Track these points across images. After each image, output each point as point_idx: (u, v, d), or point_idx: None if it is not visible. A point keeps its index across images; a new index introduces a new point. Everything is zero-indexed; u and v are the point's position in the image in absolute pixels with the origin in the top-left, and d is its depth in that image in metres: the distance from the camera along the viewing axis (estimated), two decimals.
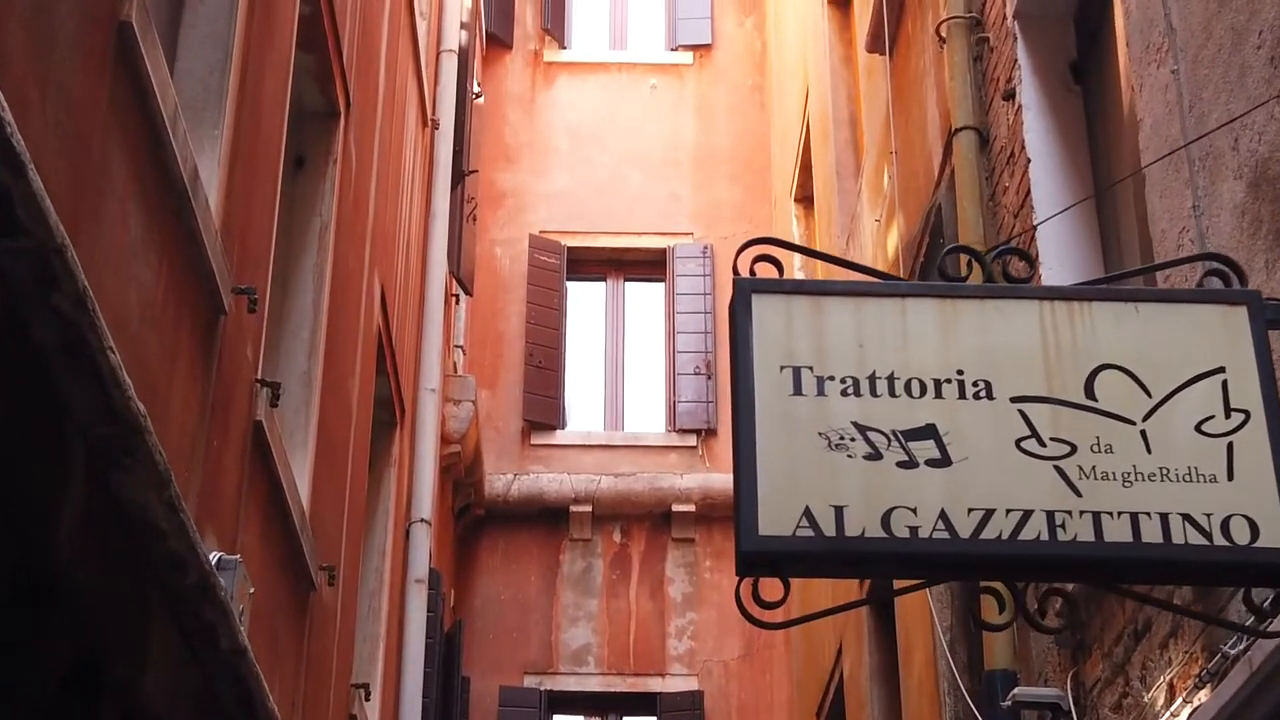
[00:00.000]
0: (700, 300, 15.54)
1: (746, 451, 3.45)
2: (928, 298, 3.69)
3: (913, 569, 3.64)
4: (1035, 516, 3.47)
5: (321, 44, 7.38)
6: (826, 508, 3.42)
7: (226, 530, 5.45)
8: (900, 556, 3.45)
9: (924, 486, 3.47)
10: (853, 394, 3.55)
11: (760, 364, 3.55)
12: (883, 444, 3.52)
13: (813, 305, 3.63)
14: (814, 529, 3.40)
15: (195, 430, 5.01)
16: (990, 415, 3.58)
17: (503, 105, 16.35)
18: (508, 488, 14.66)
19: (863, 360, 3.58)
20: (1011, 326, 3.68)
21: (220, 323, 5.29)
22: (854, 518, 3.42)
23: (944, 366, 3.61)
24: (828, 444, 3.50)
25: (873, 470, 3.48)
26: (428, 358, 11.07)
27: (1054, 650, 6.12)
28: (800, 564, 3.49)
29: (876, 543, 3.40)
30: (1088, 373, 3.64)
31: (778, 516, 3.39)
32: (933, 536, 3.42)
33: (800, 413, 3.53)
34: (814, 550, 3.40)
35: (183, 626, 4.66)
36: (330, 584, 7.39)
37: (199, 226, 4.86)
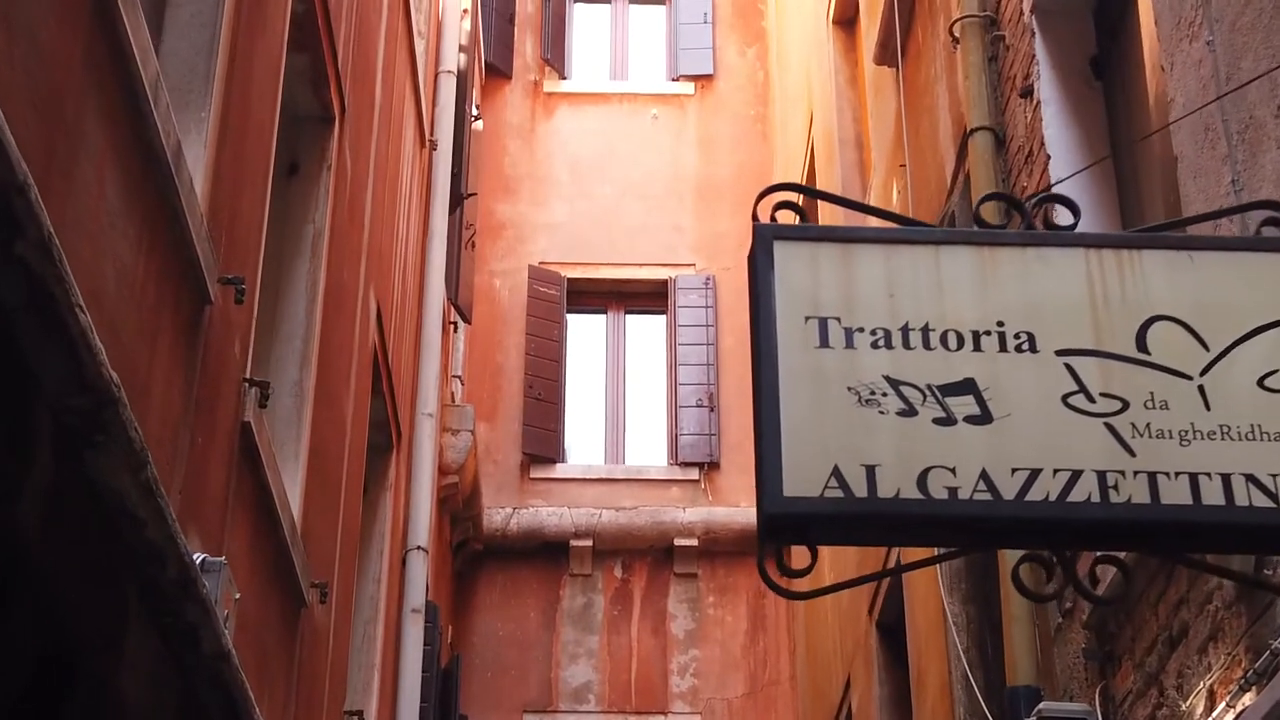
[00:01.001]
0: (703, 332, 15.29)
1: (769, 407, 3.18)
2: (964, 245, 3.43)
3: (952, 533, 3.36)
4: (1085, 477, 3.20)
5: (315, 45, 7.15)
6: (857, 467, 3.15)
7: (211, 533, 5.18)
8: (938, 519, 3.18)
9: (963, 445, 3.20)
10: (884, 346, 3.29)
11: (783, 314, 3.29)
12: (917, 399, 3.25)
13: (840, 253, 3.37)
14: (844, 490, 3.13)
15: (178, 423, 4.75)
16: (1034, 369, 3.32)
17: (502, 136, 16.14)
18: (506, 522, 14.36)
19: (894, 311, 3.32)
20: (1055, 276, 3.42)
21: (206, 313, 5.04)
22: (887, 478, 3.15)
23: (983, 318, 3.35)
24: (857, 399, 3.24)
25: (907, 427, 3.21)
26: (425, 381, 10.81)
27: (1080, 663, 5.84)
28: (829, 527, 3.22)
29: (912, 504, 3.13)
30: (1139, 324, 3.38)
31: (804, 476, 3.13)
32: (973, 498, 3.16)
33: (827, 366, 3.27)
34: (844, 512, 3.13)
35: (162, 626, 4.38)
36: (322, 601, 7.10)
37: (183, 207, 4.61)
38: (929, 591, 8.35)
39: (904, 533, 3.39)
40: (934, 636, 8.18)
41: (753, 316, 3.35)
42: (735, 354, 15.20)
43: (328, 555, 7.50)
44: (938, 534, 3.42)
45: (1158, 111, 5.66)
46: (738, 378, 15.07)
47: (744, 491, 14.64)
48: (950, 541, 3.51)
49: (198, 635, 4.45)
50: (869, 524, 3.22)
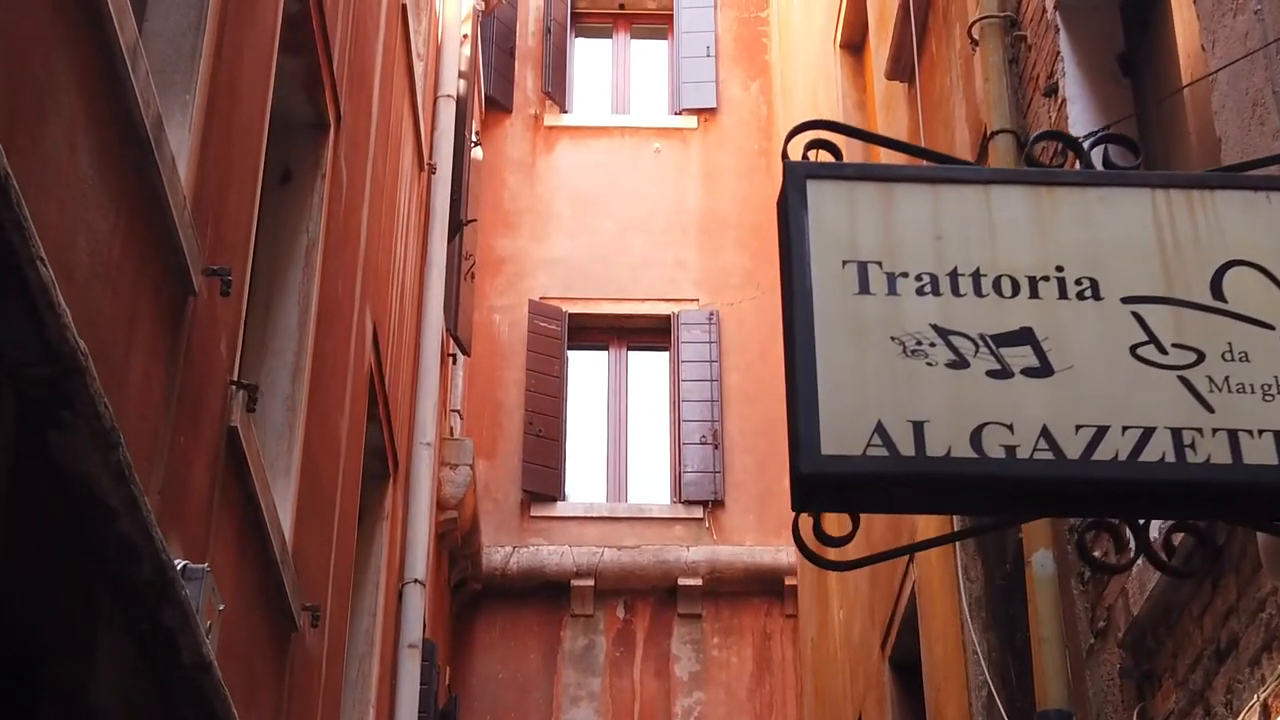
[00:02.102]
0: (706, 368, 14.98)
1: (804, 358, 2.87)
2: (1018, 185, 3.12)
3: (1010, 496, 3.03)
4: (1158, 435, 2.89)
5: (310, 49, 6.88)
6: (903, 423, 2.84)
7: (194, 540, 4.86)
8: (995, 480, 2.87)
9: (1021, 399, 2.89)
10: (930, 293, 2.99)
11: (818, 258, 2.98)
12: (969, 350, 2.95)
13: (880, 193, 3.07)
14: (888, 448, 2.82)
15: (157, 419, 4.44)
16: (1098, 318, 3.02)
17: (502, 170, 15.87)
18: (506, 560, 14.01)
19: (942, 255, 3.02)
20: (1119, 218, 3.11)
21: (189, 306, 4.74)
22: (937, 435, 2.84)
23: (1040, 262, 3.05)
24: (902, 350, 2.93)
25: (958, 380, 2.90)
26: (423, 411, 10.49)
27: (1115, 685, 5.51)
28: (872, 490, 2.90)
29: (965, 464, 2.82)
30: (1214, 270, 3.07)
31: (844, 433, 2.81)
32: (1034, 457, 2.85)
33: (868, 314, 2.96)
34: (889, 472, 2.82)
35: (138, 632, 4.06)
36: (314, 625, 6.77)
37: (164, 187, 4.32)
38: (947, 622, 8.03)
39: (955, 496, 3.06)
40: (953, 669, 7.85)
41: (783, 261, 3.05)
42: (740, 390, 14.91)
43: (320, 579, 7.17)
44: (993, 498, 3.08)
45: (1194, 104, 5.38)
46: (742, 414, 14.77)
47: (749, 530, 14.32)
48: (1007, 507, 3.17)
49: (176, 643, 4.14)
50: (917, 486, 2.90)
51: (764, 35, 16.72)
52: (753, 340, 15.14)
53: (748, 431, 14.75)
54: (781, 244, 3.07)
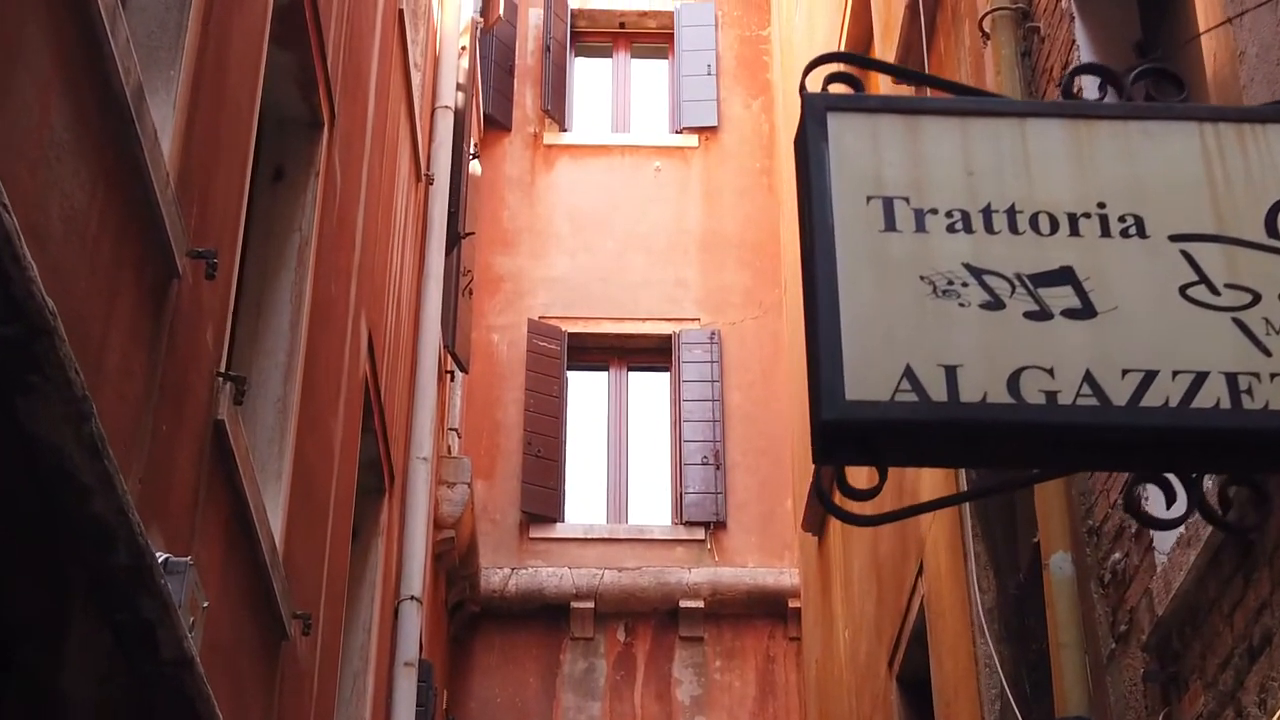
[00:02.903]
0: (708, 388, 14.77)
1: (826, 298, 2.67)
2: (1054, 118, 2.92)
3: (1051, 445, 2.81)
4: (1212, 380, 2.68)
5: (303, 43, 6.69)
6: (934, 367, 2.63)
7: (177, 535, 4.65)
8: (1035, 428, 2.66)
9: (1062, 342, 2.69)
10: (962, 230, 2.79)
11: (840, 194, 2.77)
12: (1004, 290, 2.74)
13: (906, 126, 2.87)
14: (918, 393, 2.61)
15: (138, 404, 4.23)
16: (1144, 257, 2.81)
17: (501, 188, 15.69)
18: (505, 582, 13.78)
19: (974, 190, 2.82)
20: (1165, 153, 2.91)
21: (173, 289, 4.53)
22: (971, 379, 2.63)
23: (1080, 198, 2.84)
24: (932, 290, 2.73)
25: (994, 322, 2.70)
26: (419, 425, 10.28)
27: (1139, 690, 5.28)
28: (900, 438, 2.68)
29: (1002, 410, 2.61)
30: (1268, 206, 2.86)
31: (870, 378, 2.60)
32: (1077, 403, 2.64)
33: (895, 252, 2.76)
34: (919, 419, 2.61)
35: (115, 623, 3.84)
36: (305, 633, 6.55)
37: (145, 160, 4.12)
38: (958, 635, 7.81)
39: (991, 445, 2.84)
40: (964, 683, 7.62)
41: (802, 199, 2.84)
42: (741, 410, 14.70)
43: (313, 588, 6.96)
44: (1033, 447, 2.86)
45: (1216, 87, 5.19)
46: (744, 435, 14.56)
47: (751, 551, 14.09)
48: (1048, 458, 2.93)
49: (155, 637, 3.92)
50: (949, 434, 2.69)
51: (765, 53, 16.57)
52: (755, 360, 14.95)
53: (750, 452, 14.53)
54: (800, 180, 2.87)
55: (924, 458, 2.88)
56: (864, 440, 2.65)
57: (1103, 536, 5.64)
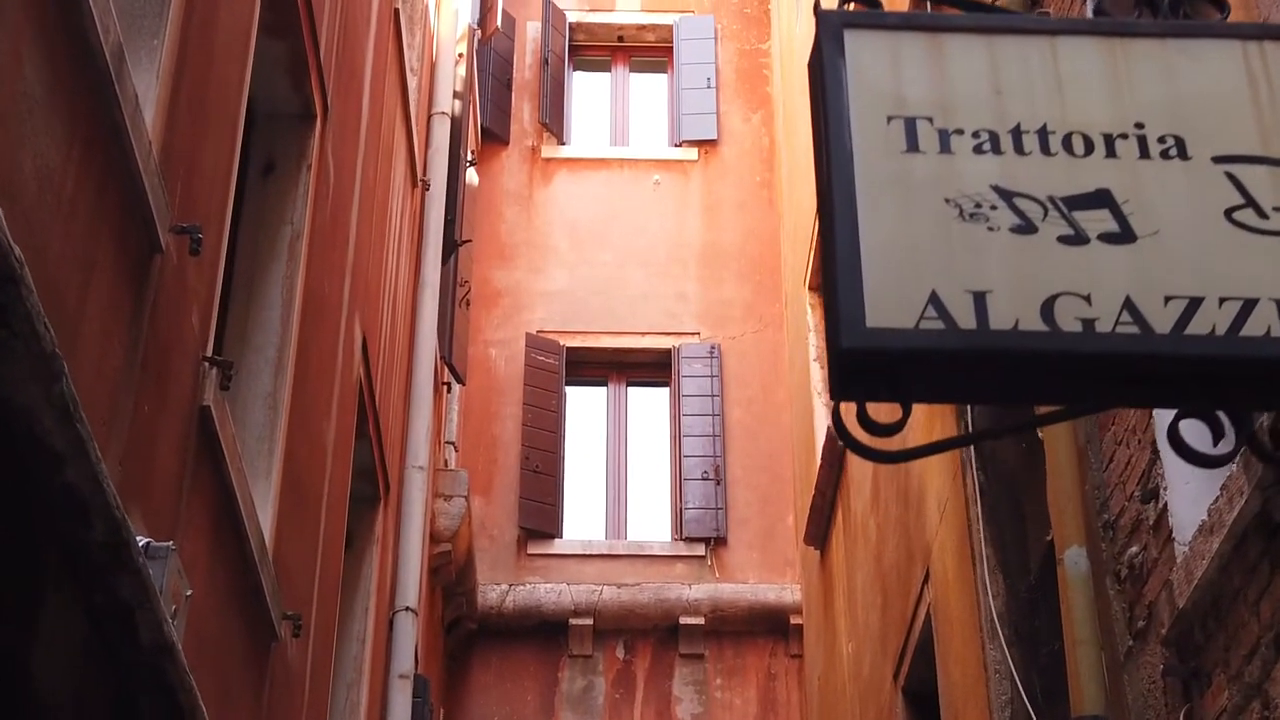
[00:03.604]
0: (708, 402, 14.59)
1: (844, 221, 2.49)
2: (1087, 36, 2.75)
3: (1089, 376, 2.62)
4: (1262, 307, 2.50)
5: (295, 31, 6.53)
6: (961, 293, 2.46)
7: (160, 522, 4.46)
8: (1070, 357, 2.48)
9: (1100, 267, 2.51)
10: (990, 151, 2.61)
11: (859, 114, 2.60)
12: (1036, 214, 2.57)
13: (928, 44, 2.69)
14: (945, 320, 2.43)
15: (117, 380, 4.05)
16: (1186, 179, 2.63)
17: (498, 202, 15.53)
18: (502, 599, 13.57)
19: (1002, 110, 2.64)
20: (1206, 72, 2.74)
21: (155, 264, 4.36)
22: (1001, 306, 2.46)
23: (1116, 119, 2.67)
24: (959, 213, 2.55)
25: (1025, 246, 2.52)
26: (415, 433, 10.10)
27: (1158, 688, 5.09)
28: (925, 368, 2.50)
29: (1036, 338, 2.43)
30: None
31: (893, 304, 2.43)
32: (1116, 331, 2.46)
33: (918, 174, 2.58)
34: (946, 347, 2.43)
35: (90, 605, 3.66)
36: (296, 635, 6.35)
37: (126, 126, 3.95)
38: (966, 643, 7.61)
39: (1023, 376, 2.64)
40: (973, 691, 7.43)
41: (818, 121, 2.66)
42: (742, 425, 14.52)
43: (304, 591, 6.77)
44: (1069, 378, 2.66)
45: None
46: (744, 450, 14.38)
47: (753, 567, 13.89)
48: (1085, 391, 2.72)
49: (133, 620, 3.73)
50: (979, 363, 2.50)
51: (765, 67, 16.43)
52: (755, 375, 14.78)
53: (750, 467, 14.35)
54: (815, 102, 2.69)
55: (949, 392, 2.68)
56: (886, 371, 2.47)
57: (1119, 530, 5.46)
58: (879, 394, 2.49)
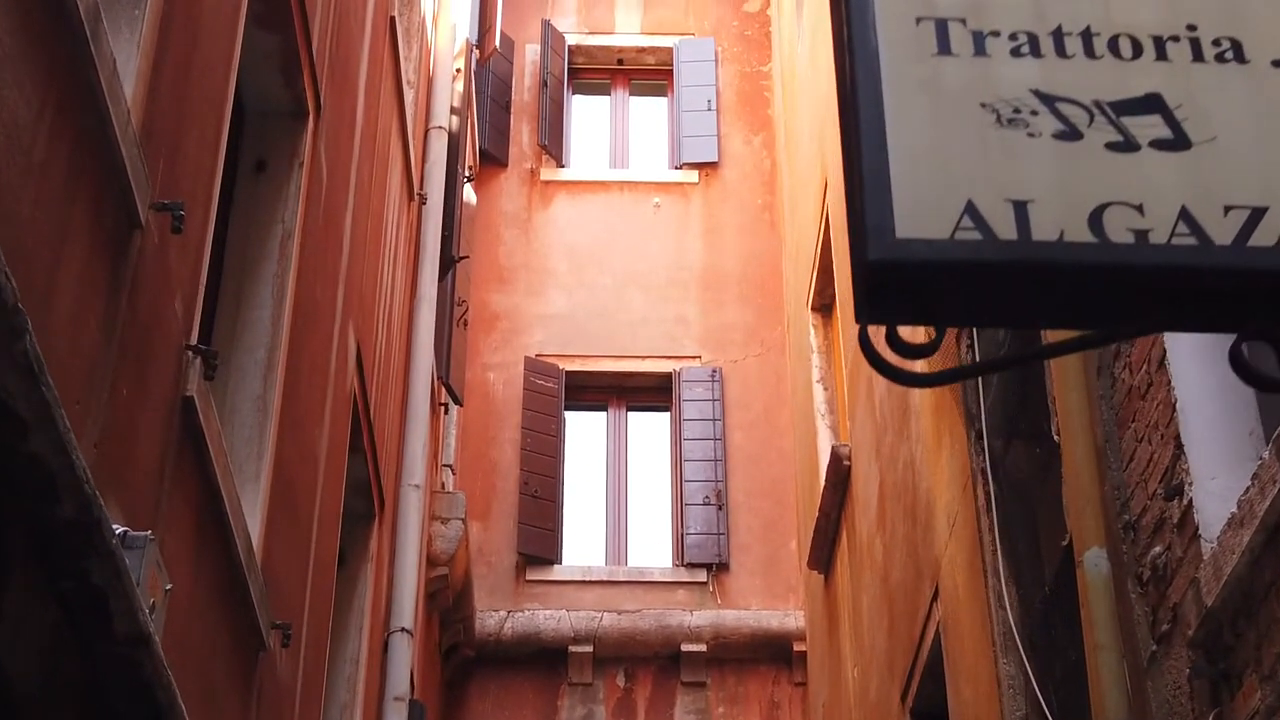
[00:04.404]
0: (709, 426, 14.37)
1: (870, 127, 2.28)
2: None
3: (1142, 291, 2.40)
4: None
5: (286, 23, 6.35)
6: (1000, 203, 2.25)
7: (139, 513, 4.25)
8: (1122, 270, 2.26)
9: (1152, 176, 2.30)
10: (1029, 54, 2.40)
11: (885, 14, 2.39)
12: (1081, 119, 2.36)
13: None
14: (982, 230, 2.23)
15: (93, 357, 3.85)
16: (1244, 83, 2.43)
17: (497, 224, 15.35)
18: (500, 626, 13.32)
19: (1040, 11, 2.44)
20: None
21: (135, 240, 4.15)
22: (1045, 216, 2.25)
23: (1166, 20, 2.47)
24: (996, 119, 2.34)
25: (1070, 153, 2.31)
26: (411, 449, 9.88)
27: (1184, 692, 4.87)
28: (961, 283, 2.29)
29: (1084, 250, 2.22)
30: None
31: (924, 214, 2.21)
32: (1172, 243, 2.25)
33: (950, 77, 2.38)
34: (984, 259, 2.21)
35: (61, 591, 3.44)
36: (285, 645, 6.13)
37: (103, 91, 3.75)
38: (978, 658, 7.39)
39: (1069, 292, 2.41)
40: (986, 708, 7.20)
41: (839, 24, 2.46)
42: (744, 450, 14.30)
43: (294, 600, 6.54)
44: (1120, 294, 2.44)
45: None
46: (746, 474, 14.16)
47: (755, 594, 13.65)
48: (1137, 307, 2.48)
49: (107, 608, 3.51)
50: (1020, 277, 2.28)
51: (766, 89, 16.28)
52: (757, 399, 14.57)
53: (753, 492, 14.12)
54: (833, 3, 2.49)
55: (985, 312, 2.45)
56: (916, 288, 2.25)
57: (1140, 531, 5.24)
58: (908, 314, 2.28)
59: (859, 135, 2.33)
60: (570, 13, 16.69)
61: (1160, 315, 2.34)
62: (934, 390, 8.20)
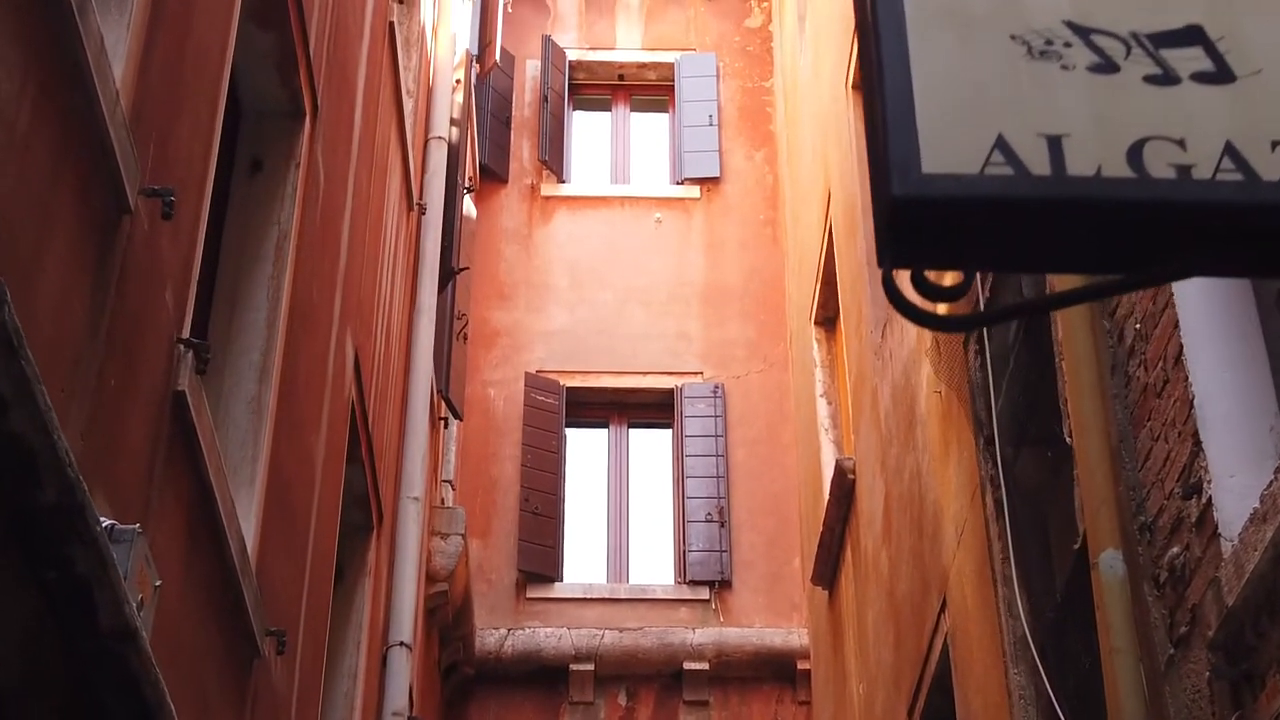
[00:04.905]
0: (712, 443, 14.23)
1: (893, 58, 2.14)
2: None
3: (1186, 229, 2.25)
4: None
5: (283, 21, 6.24)
6: (1033, 137, 2.12)
7: (128, 508, 4.11)
8: (1164, 206, 2.13)
9: (1194, 110, 2.17)
10: None
11: None
12: (1118, 51, 2.24)
13: None
14: (1014, 166, 2.09)
15: (78, 341, 3.72)
16: None
17: (497, 240, 15.23)
18: (501, 644, 13.17)
19: None
20: None
21: (124, 225, 4.03)
22: (1081, 150, 2.11)
23: None
24: (1026, 51, 2.21)
25: (1106, 87, 2.18)
26: (410, 462, 9.74)
27: (1204, 696, 4.73)
28: (993, 221, 2.14)
29: (1124, 185, 2.09)
30: None
31: (952, 148, 2.08)
32: (1217, 179, 2.13)
33: (976, 7, 2.24)
34: (1018, 195, 2.08)
35: (43, 581, 3.31)
36: (280, 652, 5.99)
37: (89, 68, 3.63)
38: (987, 670, 7.25)
39: (1106, 231, 2.28)
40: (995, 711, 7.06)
41: None
42: (746, 466, 14.16)
43: (289, 609, 6.40)
44: (1162, 232, 2.30)
45: None
46: (749, 491, 14.02)
47: (758, 611, 13.50)
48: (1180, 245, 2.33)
49: (92, 600, 3.38)
50: (1056, 214, 2.14)
51: (768, 104, 16.19)
52: (760, 415, 14.44)
53: (755, 509, 13.98)
54: None
55: (1015, 255, 2.29)
56: (943, 228, 2.12)
57: (1157, 532, 5.11)
58: (935, 257, 2.15)
59: (881, 68, 2.20)
60: (571, 29, 16.61)
61: (1200, 257, 2.20)
62: (941, 398, 8.07)
